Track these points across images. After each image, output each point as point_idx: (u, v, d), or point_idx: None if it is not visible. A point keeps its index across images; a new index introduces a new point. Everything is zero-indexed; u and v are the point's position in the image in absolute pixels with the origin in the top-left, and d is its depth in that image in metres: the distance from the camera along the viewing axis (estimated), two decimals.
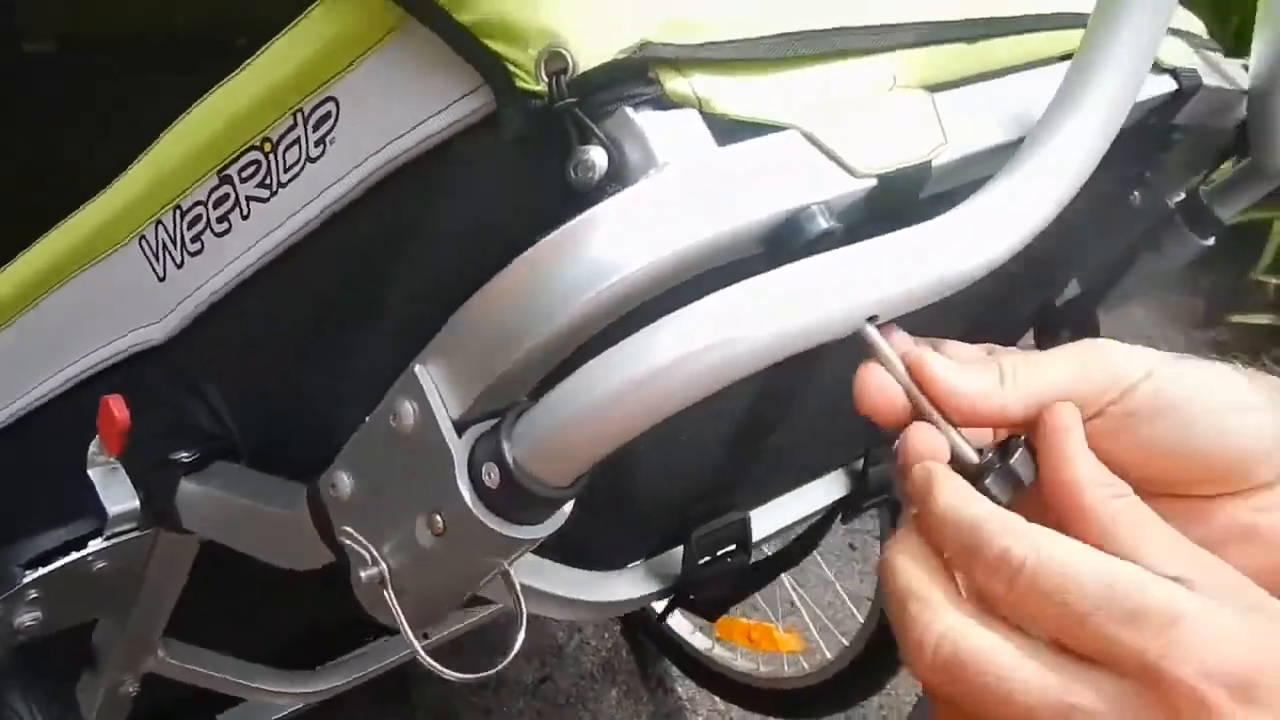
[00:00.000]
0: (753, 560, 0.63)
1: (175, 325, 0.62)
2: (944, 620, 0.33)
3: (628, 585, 0.55)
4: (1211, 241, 0.84)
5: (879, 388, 0.38)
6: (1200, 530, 0.40)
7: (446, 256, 0.46)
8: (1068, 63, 0.44)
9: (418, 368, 0.41)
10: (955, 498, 0.35)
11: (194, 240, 0.59)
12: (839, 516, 0.78)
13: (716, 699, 1.43)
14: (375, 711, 1.26)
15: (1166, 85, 0.54)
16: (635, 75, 0.39)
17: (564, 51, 0.39)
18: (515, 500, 0.39)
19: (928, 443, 0.38)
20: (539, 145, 0.40)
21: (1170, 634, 0.30)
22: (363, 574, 0.43)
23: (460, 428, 0.40)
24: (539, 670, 1.39)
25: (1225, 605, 0.32)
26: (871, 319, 0.38)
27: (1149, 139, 0.76)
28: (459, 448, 0.40)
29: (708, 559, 0.57)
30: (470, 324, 0.39)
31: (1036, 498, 0.38)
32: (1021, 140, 0.45)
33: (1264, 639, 0.31)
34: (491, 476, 0.38)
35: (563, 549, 0.52)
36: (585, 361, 0.37)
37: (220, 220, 0.57)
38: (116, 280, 0.64)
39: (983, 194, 0.42)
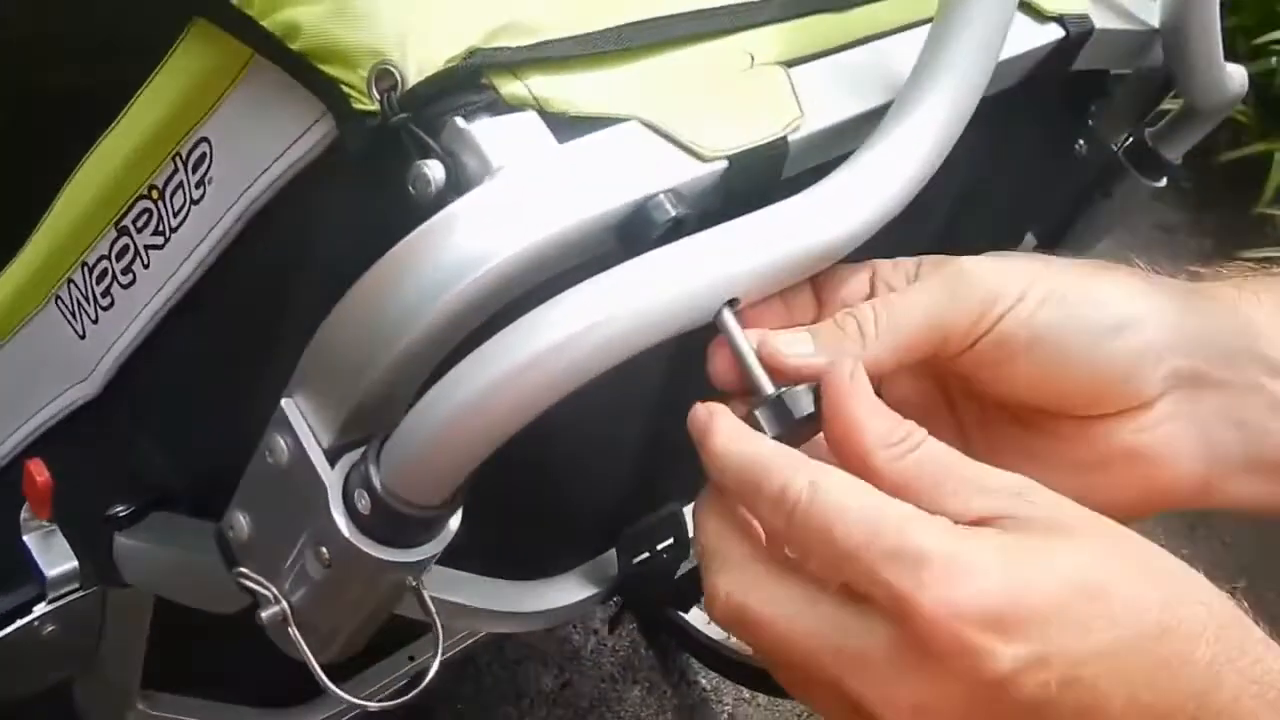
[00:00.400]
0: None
1: (102, 380, 0.62)
2: (732, 575, 0.34)
3: (562, 592, 0.54)
4: (1163, 183, 0.83)
5: (728, 369, 0.38)
6: (1083, 452, 0.40)
7: (322, 285, 0.46)
8: None
9: (284, 401, 0.40)
10: (732, 436, 0.35)
11: (104, 295, 0.59)
12: None
13: (741, 688, 1.42)
14: None
15: (1053, 33, 0.52)
16: (467, 84, 0.38)
17: (391, 68, 0.38)
18: (390, 524, 0.38)
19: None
20: (382, 165, 0.39)
21: (920, 575, 0.30)
22: (264, 614, 0.43)
23: (333, 456, 0.40)
24: (559, 676, 1.39)
25: (986, 541, 0.31)
26: (732, 302, 0.38)
27: (1083, 88, 0.74)
28: (332, 479, 0.39)
29: (646, 556, 0.56)
30: (325, 351, 0.39)
31: None
32: (889, 105, 0.44)
33: (1022, 572, 0.31)
34: (363, 503, 0.38)
35: (490, 560, 0.52)
36: None
37: (125, 272, 0.57)
38: (43, 343, 0.64)
39: (846, 166, 0.41)
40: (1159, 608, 0.31)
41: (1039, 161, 0.80)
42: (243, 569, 0.43)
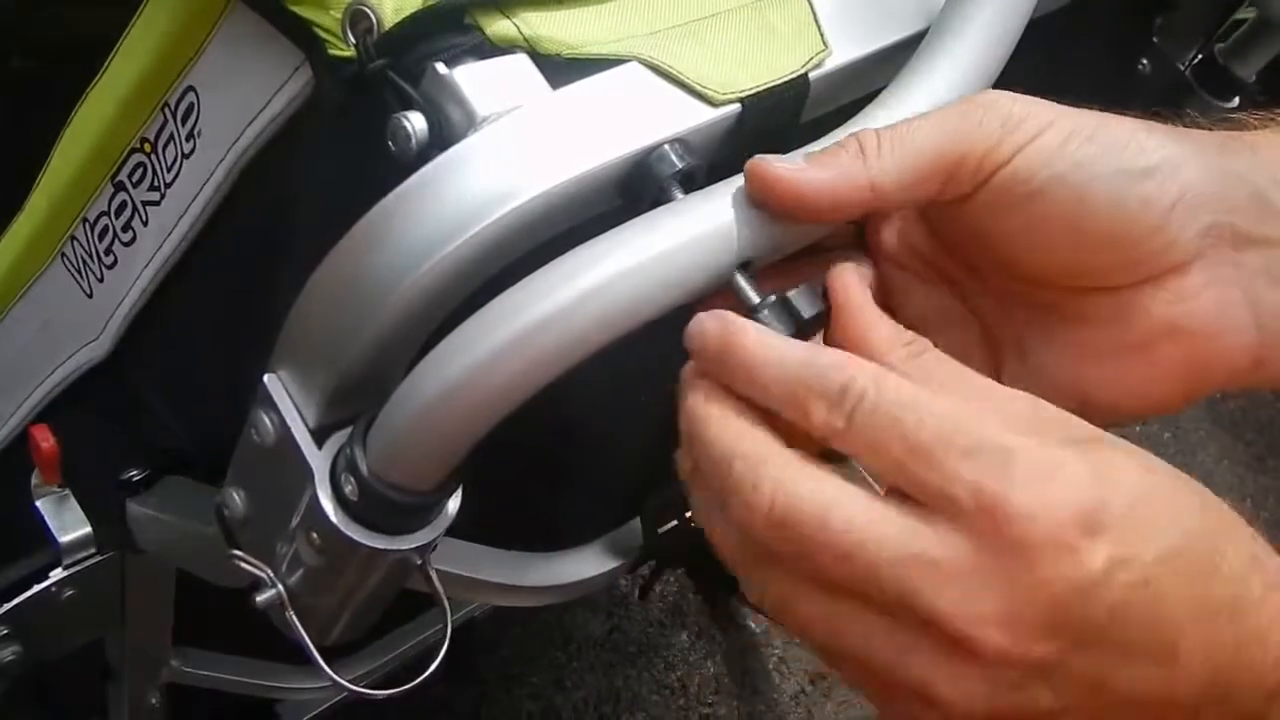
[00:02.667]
0: None
1: (112, 339, 0.60)
2: (778, 472, 0.30)
3: (582, 564, 0.51)
4: (1235, 103, 0.77)
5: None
6: (1120, 334, 0.36)
7: (310, 243, 0.43)
8: None
9: (267, 377, 0.37)
10: (767, 337, 0.32)
11: (107, 253, 0.57)
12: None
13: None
14: (443, 679, 1.26)
15: None
16: (450, 24, 0.35)
17: (366, 9, 0.35)
18: (381, 510, 0.35)
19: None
20: (366, 115, 0.36)
21: (1010, 471, 0.28)
22: (259, 597, 0.40)
23: (320, 436, 0.37)
24: (606, 622, 1.38)
25: (1056, 440, 0.30)
26: (745, 265, 0.34)
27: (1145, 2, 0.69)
28: (319, 461, 0.36)
29: (674, 524, 0.53)
30: (304, 323, 0.36)
31: None
32: (925, 33, 0.39)
33: (1099, 473, 0.29)
34: (350, 488, 0.35)
35: (502, 532, 0.49)
36: None
37: (125, 229, 0.55)
38: (51, 303, 0.62)
39: (875, 105, 0.37)
40: (1200, 510, 0.31)
41: (1098, 83, 0.75)
42: (238, 551, 0.41)
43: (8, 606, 0.58)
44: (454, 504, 0.38)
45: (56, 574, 0.58)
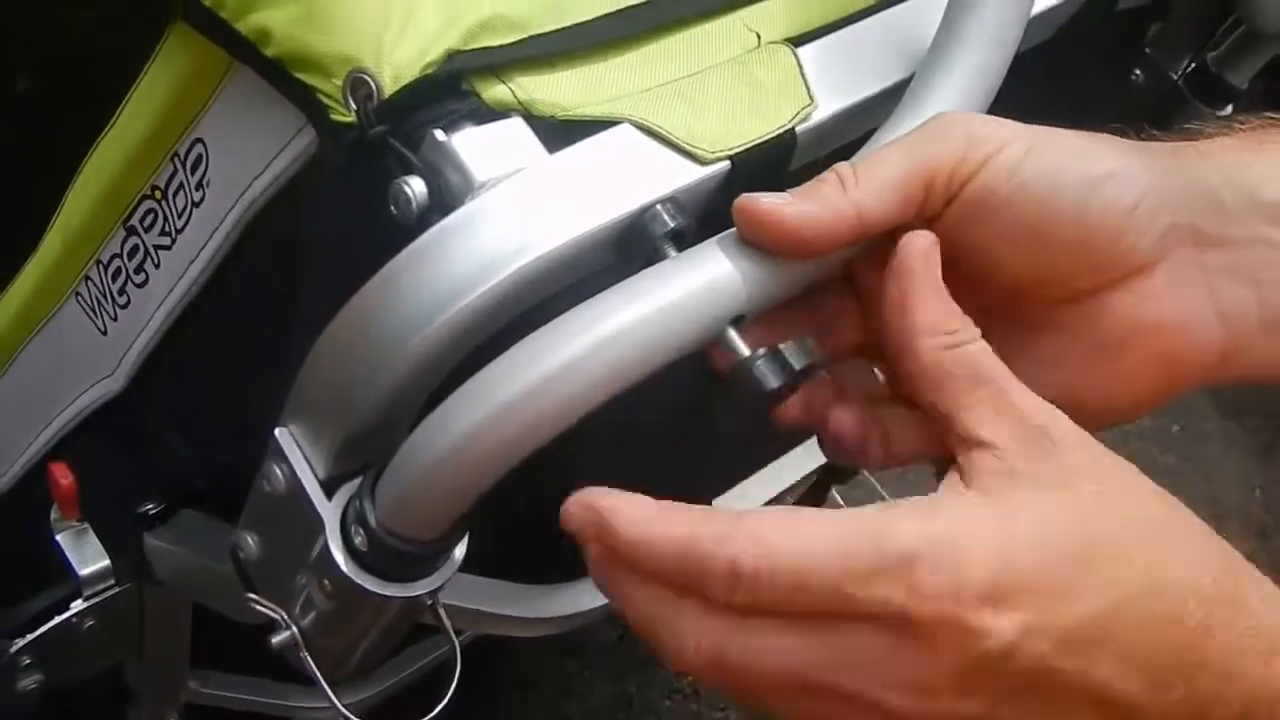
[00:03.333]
0: None
1: (127, 375, 0.61)
2: (693, 628, 0.31)
3: (587, 595, 0.53)
4: (1229, 111, 0.77)
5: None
6: (1091, 338, 0.38)
7: (322, 296, 0.44)
8: None
9: (278, 430, 0.39)
10: (636, 531, 0.32)
11: (120, 293, 0.58)
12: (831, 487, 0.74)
13: None
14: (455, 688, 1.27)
15: None
16: (447, 91, 0.36)
17: (366, 76, 0.36)
18: (390, 559, 0.37)
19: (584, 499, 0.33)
20: (367, 179, 0.37)
21: (911, 579, 0.30)
22: (275, 639, 0.42)
23: (330, 487, 0.38)
24: (615, 629, 1.39)
25: (976, 511, 0.31)
26: (738, 320, 0.35)
27: (1137, 11, 0.69)
28: (329, 512, 0.38)
29: None
30: (313, 381, 0.37)
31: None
32: (909, 81, 0.40)
33: (1011, 542, 0.30)
34: (360, 539, 0.36)
35: (508, 564, 0.50)
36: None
37: (137, 271, 0.56)
38: (67, 339, 0.64)
39: (862, 152, 0.38)
40: (1145, 569, 0.31)
41: (1091, 94, 0.76)
42: (254, 595, 0.42)
43: (30, 637, 0.59)
44: (461, 549, 0.39)
45: (77, 605, 0.60)
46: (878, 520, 0.31)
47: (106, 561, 0.59)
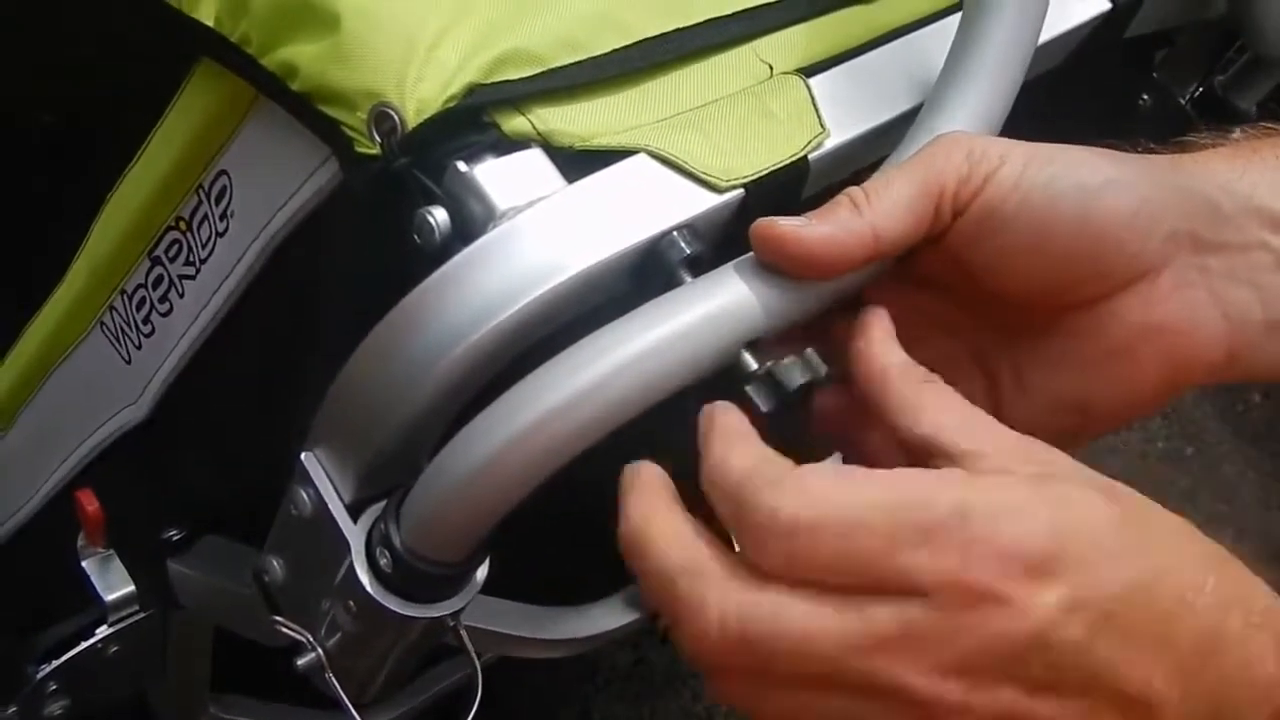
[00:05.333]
0: None
1: (151, 402, 0.62)
2: (725, 594, 0.31)
3: (607, 616, 0.53)
4: (1237, 134, 0.78)
5: None
6: (1101, 342, 0.39)
7: (345, 324, 0.45)
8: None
9: (304, 455, 0.40)
10: (722, 449, 0.33)
11: (144, 322, 0.59)
12: None
13: None
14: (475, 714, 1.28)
15: (1098, 6, 0.49)
16: (469, 123, 0.37)
17: (390, 110, 0.37)
18: (415, 580, 0.37)
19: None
20: (391, 210, 0.38)
21: (965, 538, 0.29)
22: (301, 661, 0.42)
23: (356, 511, 0.39)
24: (632, 653, 1.39)
25: (1013, 477, 0.31)
26: (752, 344, 0.36)
27: (1144, 37, 0.70)
28: (355, 534, 0.38)
29: None
30: (338, 407, 0.38)
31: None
32: (919, 109, 0.41)
33: (1057, 511, 0.30)
34: (385, 560, 0.37)
35: (527, 586, 0.51)
36: None
37: (161, 300, 0.57)
38: (91, 368, 0.65)
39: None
40: (1170, 542, 0.32)
41: (1099, 118, 0.76)
42: (279, 618, 0.43)
43: (57, 663, 0.60)
44: (483, 571, 0.40)
45: (102, 631, 0.61)
46: (927, 478, 0.31)
47: (132, 588, 0.60)
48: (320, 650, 0.42)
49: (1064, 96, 0.59)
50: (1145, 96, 0.77)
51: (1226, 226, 0.39)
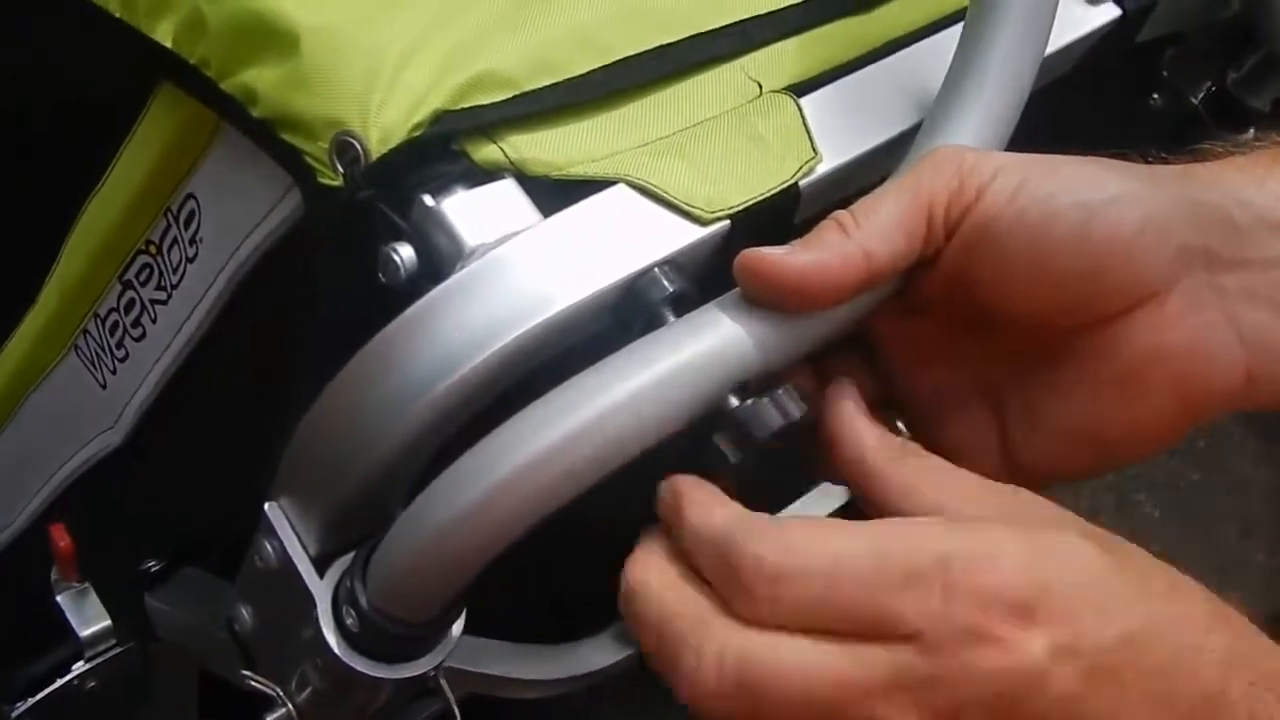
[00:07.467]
0: None
1: (127, 427, 0.60)
2: (719, 637, 0.30)
3: (597, 653, 0.51)
4: (1250, 134, 0.75)
5: None
6: (1111, 367, 0.37)
7: (314, 358, 0.43)
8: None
9: (268, 505, 0.37)
10: (700, 510, 0.32)
11: (119, 347, 0.57)
12: None
13: None
14: None
15: (1108, 13, 0.47)
16: (436, 153, 0.35)
17: (352, 139, 0.35)
18: (383, 642, 0.35)
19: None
20: (355, 243, 0.36)
21: (947, 581, 0.29)
22: (269, 718, 0.40)
23: (322, 565, 0.37)
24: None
25: (1002, 528, 0.30)
26: (741, 388, 0.34)
27: (1155, 42, 0.68)
28: (320, 590, 0.36)
29: None
30: (302, 456, 0.36)
31: None
32: (919, 126, 0.39)
33: (1040, 558, 0.29)
34: (351, 620, 0.35)
35: (513, 625, 0.49)
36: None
37: (134, 325, 0.55)
38: (69, 393, 0.63)
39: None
40: (1167, 595, 0.30)
41: (1109, 119, 0.74)
42: (248, 672, 0.41)
43: (32, 701, 0.58)
44: (459, 627, 0.38)
45: (79, 667, 0.59)
46: (909, 528, 0.30)
47: (108, 622, 0.58)
48: (290, 706, 0.40)
49: (1071, 97, 0.57)
50: (1155, 96, 0.74)
51: (1243, 242, 0.36)
